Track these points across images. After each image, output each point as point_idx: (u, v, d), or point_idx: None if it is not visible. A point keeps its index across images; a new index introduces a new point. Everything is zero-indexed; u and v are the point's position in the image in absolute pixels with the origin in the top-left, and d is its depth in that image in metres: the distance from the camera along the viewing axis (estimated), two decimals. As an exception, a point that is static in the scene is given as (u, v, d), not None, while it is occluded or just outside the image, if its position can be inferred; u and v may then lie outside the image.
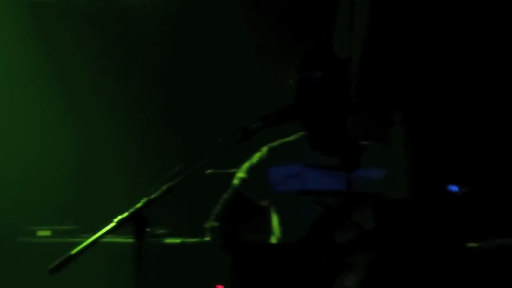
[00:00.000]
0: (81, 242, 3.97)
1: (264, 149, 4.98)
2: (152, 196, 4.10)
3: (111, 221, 4.07)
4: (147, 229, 4.10)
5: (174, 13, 8.22)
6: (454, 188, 4.65)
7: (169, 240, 7.00)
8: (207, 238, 5.02)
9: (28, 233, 7.47)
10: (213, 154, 4.23)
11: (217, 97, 8.06)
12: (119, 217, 4.06)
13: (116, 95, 8.30)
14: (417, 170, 5.18)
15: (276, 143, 5.00)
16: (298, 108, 4.76)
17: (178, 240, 7.06)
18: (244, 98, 7.74)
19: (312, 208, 4.72)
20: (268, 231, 4.96)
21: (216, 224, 4.94)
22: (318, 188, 4.84)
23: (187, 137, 7.63)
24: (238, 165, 5.06)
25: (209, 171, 6.48)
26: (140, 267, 4.11)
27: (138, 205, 4.08)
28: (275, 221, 4.92)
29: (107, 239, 4.23)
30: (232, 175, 5.02)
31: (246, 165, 4.97)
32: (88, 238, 4.01)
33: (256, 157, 4.97)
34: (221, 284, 6.35)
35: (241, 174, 4.97)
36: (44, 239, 7.38)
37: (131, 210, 4.06)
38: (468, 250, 4.73)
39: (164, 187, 4.13)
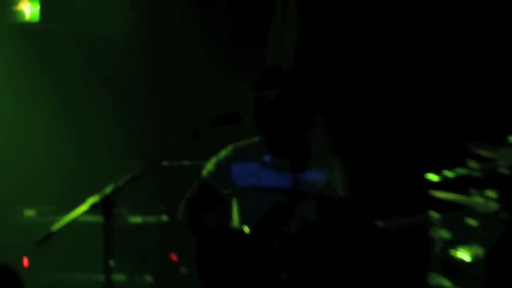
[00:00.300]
0: (60, 221, 4.29)
1: (230, 147, 5.29)
2: (119, 184, 4.38)
3: (84, 203, 4.35)
4: (114, 210, 4.37)
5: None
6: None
7: (132, 219, 7.24)
8: (179, 218, 5.31)
9: (16, 213, 7.66)
10: (168, 149, 4.63)
11: (176, 100, 8.24)
12: (91, 200, 4.35)
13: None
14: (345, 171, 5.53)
15: (241, 143, 5.30)
16: (258, 123, 5.06)
17: (139, 219, 7.30)
18: (199, 100, 7.96)
19: (264, 202, 4.98)
20: (229, 218, 5.27)
21: (186, 208, 5.25)
22: (269, 185, 5.12)
23: (152, 134, 7.72)
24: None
25: (165, 163, 6.78)
26: (109, 242, 4.37)
27: (107, 190, 4.36)
28: (235, 210, 5.23)
29: (81, 219, 4.48)
30: (184, 167, 5.34)
31: (213, 160, 5.28)
32: (66, 217, 4.33)
33: (222, 153, 5.28)
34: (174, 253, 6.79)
35: (209, 166, 5.26)
36: (30, 218, 7.58)
37: (101, 194, 4.35)
38: (376, 229, 5.09)
39: (129, 176, 4.39)
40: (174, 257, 6.95)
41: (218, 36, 8.16)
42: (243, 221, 5.15)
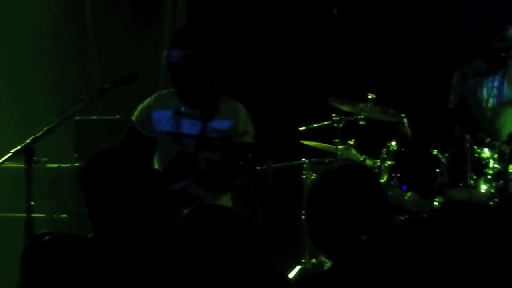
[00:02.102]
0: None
1: (154, 95, 5.62)
2: (37, 135, 4.76)
3: (8, 152, 4.76)
4: (34, 158, 4.75)
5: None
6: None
7: (49, 165, 7.36)
8: None
9: None
10: (79, 106, 5.04)
11: (89, 61, 8.59)
12: (14, 149, 4.73)
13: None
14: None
15: (164, 91, 5.64)
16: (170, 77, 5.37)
17: (55, 165, 7.53)
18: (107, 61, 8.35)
19: (175, 146, 5.39)
20: (152, 159, 5.58)
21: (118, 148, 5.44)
22: (180, 131, 5.43)
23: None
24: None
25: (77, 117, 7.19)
26: (29, 186, 4.76)
27: (27, 140, 4.74)
28: (157, 152, 5.59)
29: (6, 165, 4.92)
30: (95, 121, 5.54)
31: (140, 106, 5.60)
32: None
33: (147, 100, 5.61)
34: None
35: (136, 112, 5.58)
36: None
37: (22, 144, 4.73)
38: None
39: (46, 128, 4.78)
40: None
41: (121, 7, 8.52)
42: (159, 162, 5.49)
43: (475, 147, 6.12)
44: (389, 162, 6.31)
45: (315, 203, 3.47)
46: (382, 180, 6.27)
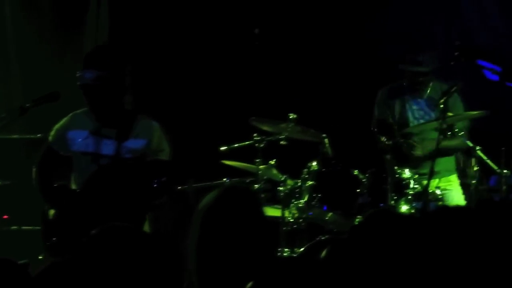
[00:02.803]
0: None
1: (69, 115, 5.57)
2: None
3: None
4: None
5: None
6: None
7: None
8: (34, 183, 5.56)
9: None
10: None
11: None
12: None
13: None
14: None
15: (79, 111, 5.57)
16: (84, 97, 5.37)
17: None
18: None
19: (91, 166, 5.36)
20: (70, 179, 5.56)
21: (36, 170, 5.52)
22: (96, 151, 5.41)
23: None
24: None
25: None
26: None
27: None
28: (73, 172, 5.56)
29: None
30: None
31: (56, 126, 5.56)
32: None
33: (63, 120, 5.57)
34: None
35: (52, 132, 5.56)
36: None
37: None
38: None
39: None
40: (5, 216, 7.29)
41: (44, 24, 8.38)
42: (75, 182, 5.47)
43: (396, 167, 6.18)
44: (310, 182, 6.32)
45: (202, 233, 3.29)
46: (302, 201, 6.28)
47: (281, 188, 6.46)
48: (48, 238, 5.30)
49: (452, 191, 6.57)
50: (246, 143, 6.68)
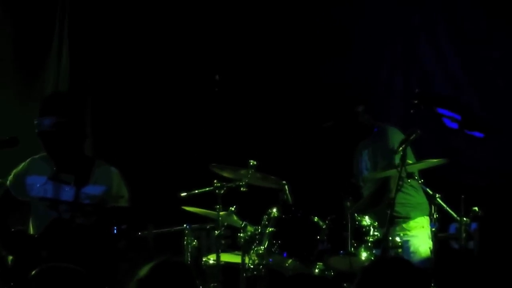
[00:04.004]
0: None
1: (28, 160, 5.58)
2: None
3: None
4: None
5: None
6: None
7: None
8: None
9: None
10: None
11: None
12: None
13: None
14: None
15: (37, 156, 5.57)
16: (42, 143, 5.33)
17: None
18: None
19: (49, 212, 5.36)
20: (28, 224, 5.56)
21: None
22: (54, 197, 5.41)
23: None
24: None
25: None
26: None
27: None
28: (31, 217, 5.53)
29: None
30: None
31: (14, 170, 5.57)
32: None
33: (21, 165, 5.58)
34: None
35: (10, 177, 5.55)
36: None
37: None
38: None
39: None
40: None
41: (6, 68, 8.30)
42: (34, 227, 5.44)
43: (356, 214, 6.13)
44: (270, 229, 6.26)
45: None
46: (262, 247, 6.20)
47: (241, 235, 6.38)
48: (6, 283, 5.23)
49: (416, 237, 6.51)
50: (206, 189, 6.61)
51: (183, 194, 6.68)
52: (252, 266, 6.27)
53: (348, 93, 6.98)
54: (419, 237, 6.49)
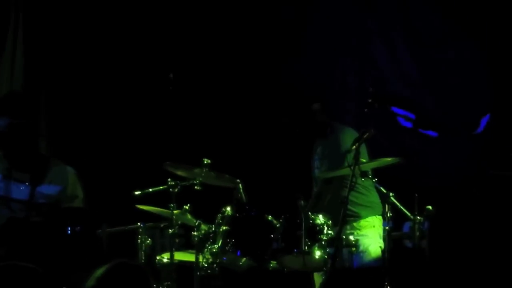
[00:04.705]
0: None
1: None
2: None
3: None
4: None
5: None
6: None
7: None
8: None
9: None
10: None
11: None
12: None
13: None
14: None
15: None
16: None
17: None
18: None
19: (4, 210, 5.33)
20: None
21: None
22: (9, 196, 5.39)
23: None
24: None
25: None
26: None
27: None
28: None
29: None
30: None
31: None
32: None
33: None
34: None
35: None
36: None
37: None
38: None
39: None
40: None
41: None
42: None
43: (310, 213, 6.11)
44: (224, 227, 6.23)
45: None
46: (216, 246, 6.17)
47: (195, 233, 6.35)
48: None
49: (366, 236, 6.50)
50: (160, 187, 6.57)
51: (137, 192, 6.62)
52: (206, 265, 6.23)
53: (304, 92, 6.99)
54: (370, 236, 6.48)
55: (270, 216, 6.19)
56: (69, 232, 5.20)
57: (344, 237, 6.07)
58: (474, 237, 6.90)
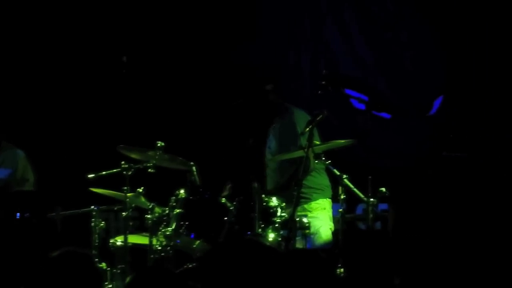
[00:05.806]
0: None
1: None
2: None
3: None
4: None
5: None
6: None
7: None
8: None
9: None
10: None
11: None
12: None
13: None
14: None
15: None
16: None
17: None
18: None
19: None
20: None
21: None
22: None
23: None
24: None
25: None
26: None
27: None
28: None
29: None
30: None
31: None
32: None
33: None
34: None
35: None
36: None
37: None
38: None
39: None
40: None
41: None
42: None
43: (263, 195, 6.10)
44: (177, 210, 6.19)
45: None
46: (170, 228, 6.14)
47: (148, 216, 6.30)
48: None
49: (317, 218, 6.49)
50: (114, 170, 6.48)
51: (91, 175, 6.51)
52: (159, 248, 6.19)
53: (257, 73, 6.97)
54: (320, 218, 6.48)
55: (223, 198, 6.19)
56: (18, 217, 5.14)
57: (298, 219, 6.08)
58: (429, 219, 6.95)
